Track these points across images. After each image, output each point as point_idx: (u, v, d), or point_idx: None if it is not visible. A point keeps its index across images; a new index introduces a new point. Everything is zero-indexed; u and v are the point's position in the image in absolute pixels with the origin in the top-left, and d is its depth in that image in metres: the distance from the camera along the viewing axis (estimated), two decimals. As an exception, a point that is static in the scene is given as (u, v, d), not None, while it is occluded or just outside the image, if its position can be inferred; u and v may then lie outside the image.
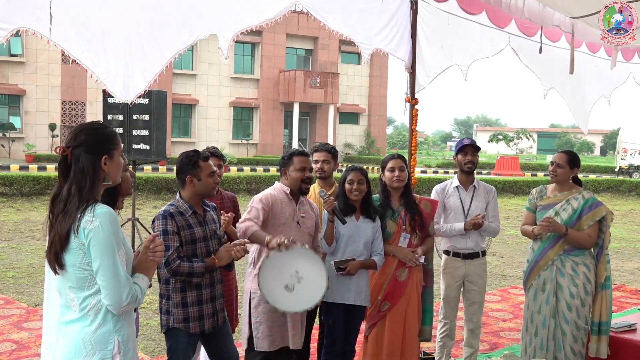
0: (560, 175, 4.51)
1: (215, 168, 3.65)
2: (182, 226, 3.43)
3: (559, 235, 4.41)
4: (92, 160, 2.35)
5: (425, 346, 5.17)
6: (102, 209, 2.30)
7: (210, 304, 3.51)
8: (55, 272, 2.37)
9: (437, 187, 4.89)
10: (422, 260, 4.28)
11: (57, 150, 2.37)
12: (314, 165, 4.37)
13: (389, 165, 4.31)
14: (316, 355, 4.55)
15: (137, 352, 2.50)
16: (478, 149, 4.78)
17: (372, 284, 4.27)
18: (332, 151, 4.65)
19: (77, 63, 3.44)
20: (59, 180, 2.39)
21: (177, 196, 3.59)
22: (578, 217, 4.44)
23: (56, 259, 2.32)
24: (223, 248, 3.51)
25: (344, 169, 4.38)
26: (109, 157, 2.40)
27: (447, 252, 4.84)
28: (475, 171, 4.84)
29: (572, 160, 4.53)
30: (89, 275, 2.31)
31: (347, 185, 4.12)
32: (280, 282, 3.58)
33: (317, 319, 4.51)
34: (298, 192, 3.96)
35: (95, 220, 2.26)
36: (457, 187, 4.80)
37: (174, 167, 3.97)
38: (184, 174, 3.56)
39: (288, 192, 3.96)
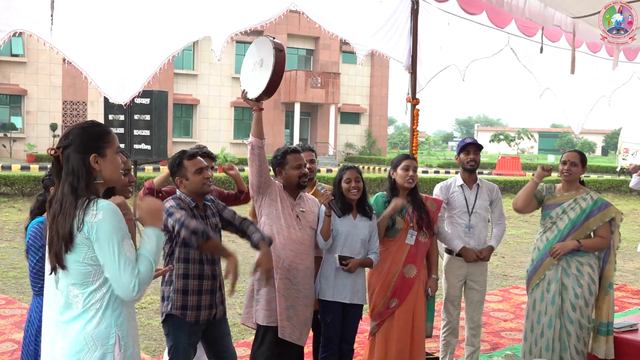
0: (574, 174, 4.53)
1: (205, 163, 3.64)
2: None
3: (575, 248, 4.42)
4: (81, 159, 2.33)
5: (427, 347, 5.17)
6: (104, 202, 2.32)
7: (209, 295, 3.54)
8: (54, 272, 2.36)
9: (441, 185, 4.89)
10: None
11: (49, 151, 2.37)
12: None
13: (404, 163, 4.34)
14: (312, 357, 4.54)
15: (138, 350, 2.46)
16: (480, 147, 4.80)
17: (380, 281, 4.29)
18: (314, 150, 4.71)
19: (73, 65, 3.45)
20: (55, 182, 2.39)
21: (178, 192, 3.62)
22: (586, 217, 4.46)
23: (57, 259, 2.32)
24: (266, 257, 3.55)
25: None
26: (100, 155, 2.37)
27: (449, 252, 4.84)
28: (477, 170, 4.86)
29: (583, 159, 4.58)
30: (92, 269, 2.31)
31: (344, 185, 4.13)
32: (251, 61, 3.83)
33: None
34: (297, 186, 3.99)
35: (99, 213, 2.27)
36: (461, 185, 4.82)
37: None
38: (173, 177, 3.64)
39: (282, 188, 4.00)
